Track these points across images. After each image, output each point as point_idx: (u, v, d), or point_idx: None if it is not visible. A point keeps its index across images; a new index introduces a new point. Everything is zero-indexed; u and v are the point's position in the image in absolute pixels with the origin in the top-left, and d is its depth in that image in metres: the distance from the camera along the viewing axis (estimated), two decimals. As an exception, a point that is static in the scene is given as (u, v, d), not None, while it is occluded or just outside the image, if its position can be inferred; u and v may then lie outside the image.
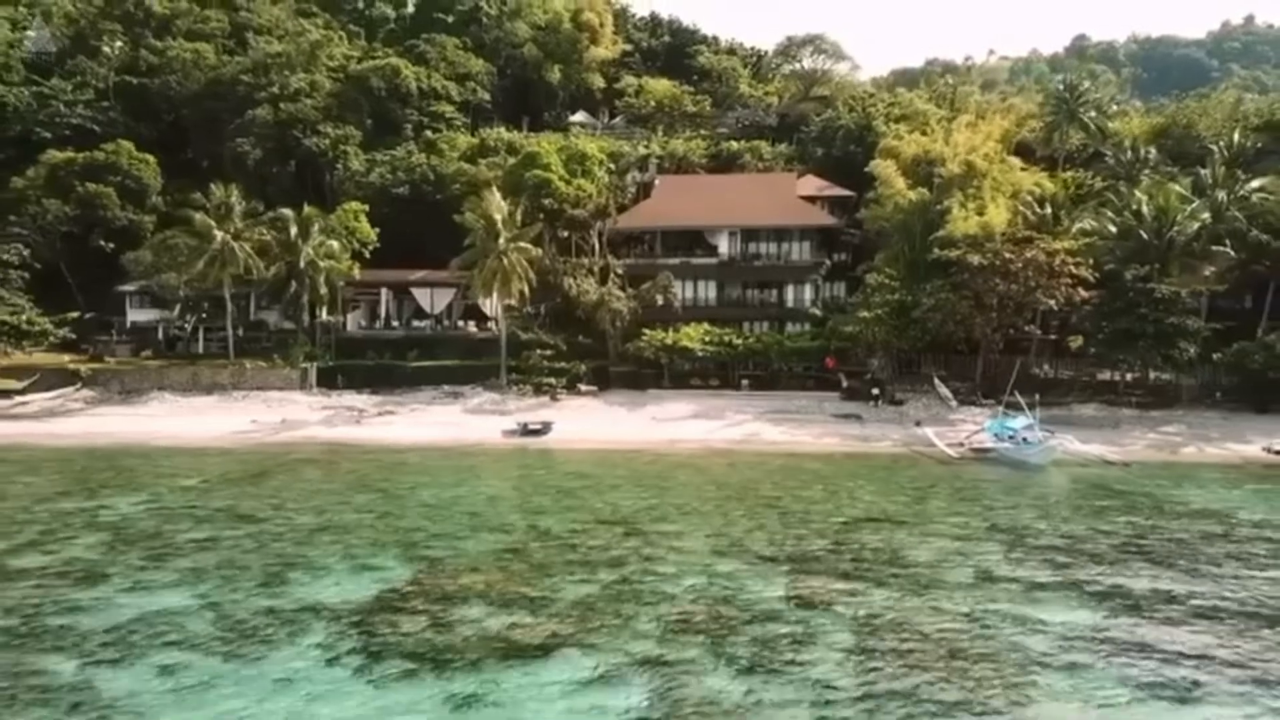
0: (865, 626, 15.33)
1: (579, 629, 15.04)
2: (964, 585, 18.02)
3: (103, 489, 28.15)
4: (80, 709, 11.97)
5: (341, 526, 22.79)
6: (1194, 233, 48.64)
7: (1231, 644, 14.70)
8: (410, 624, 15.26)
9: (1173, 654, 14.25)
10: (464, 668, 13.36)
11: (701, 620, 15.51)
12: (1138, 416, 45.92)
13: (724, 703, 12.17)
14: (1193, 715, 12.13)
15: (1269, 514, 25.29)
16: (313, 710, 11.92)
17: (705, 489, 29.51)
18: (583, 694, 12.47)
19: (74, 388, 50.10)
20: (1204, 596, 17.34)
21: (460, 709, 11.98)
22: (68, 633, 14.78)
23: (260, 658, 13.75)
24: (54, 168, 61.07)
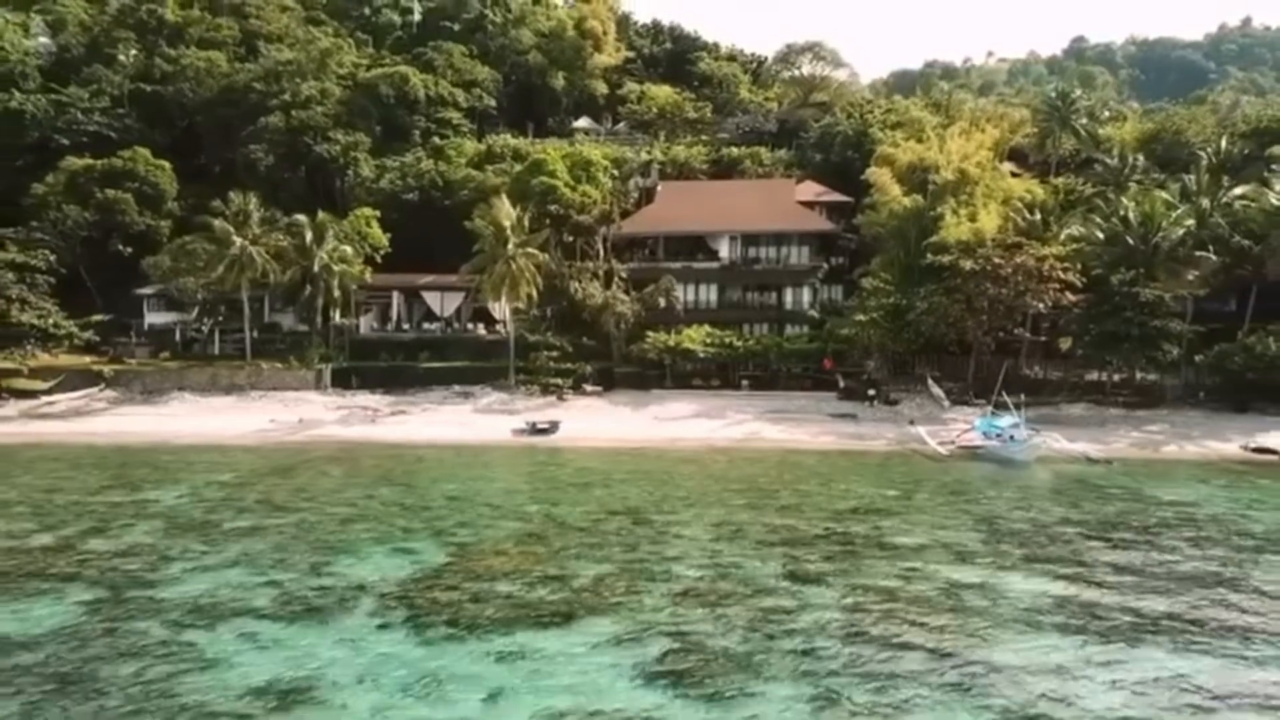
0: (849, 595, 17.47)
1: (597, 600, 17.18)
2: (939, 562, 20.16)
3: (143, 483, 30.27)
4: (177, 660, 14.07)
5: (373, 516, 24.93)
6: (1178, 238, 50.67)
7: (1165, 606, 16.83)
8: (448, 597, 17.39)
9: (1111, 611, 16.51)
10: (499, 632, 15.48)
11: (704, 592, 17.65)
12: (1123, 416, 47.93)
13: (725, 657, 14.28)
14: (1119, 653, 14.22)
15: (1229, 506, 27.38)
16: (374, 664, 14.03)
17: (707, 483, 31.62)
18: (602, 652, 14.57)
19: (98, 388, 52.22)
20: (1148, 572, 19.50)
21: (499, 663, 14.09)
22: (150, 603, 16.91)
23: (321, 623, 15.89)
24: (74, 174, 63.20)
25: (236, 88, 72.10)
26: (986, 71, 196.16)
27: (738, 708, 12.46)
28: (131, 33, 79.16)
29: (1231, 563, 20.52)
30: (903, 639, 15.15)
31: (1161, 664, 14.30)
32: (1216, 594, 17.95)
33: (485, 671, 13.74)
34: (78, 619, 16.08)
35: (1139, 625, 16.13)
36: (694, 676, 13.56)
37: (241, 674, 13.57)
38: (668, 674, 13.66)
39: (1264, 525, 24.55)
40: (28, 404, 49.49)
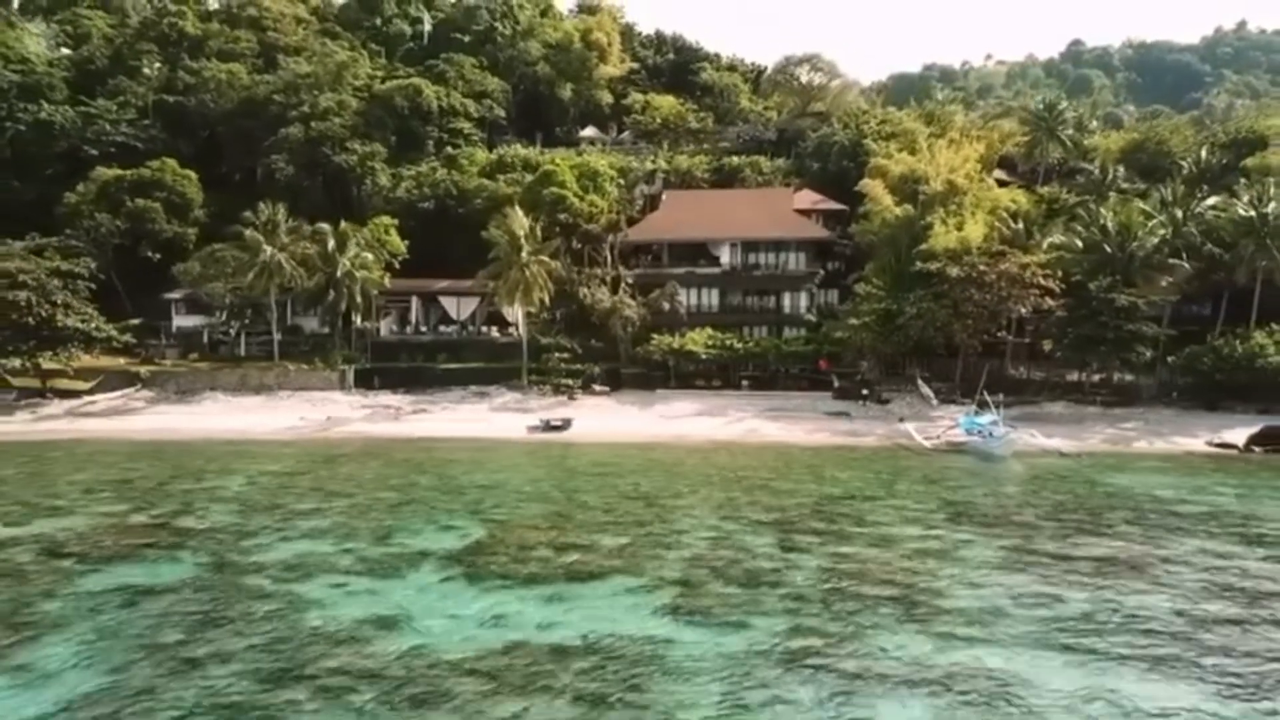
0: (829, 561, 21.25)
1: (618, 561, 20.99)
2: (909, 537, 23.93)
3: (204, 473, 34.07)
4: (288, 602, 17.85)
5: (417, 500, 28.72)
6: (1153, 246, 54.55)
7: (1085, 566, 20.61)
8: (495, 560, 21.18)
9: (1041, 564, 20.36)
10: (540, 583, 19.27)
11: (708, 558, 21.43)
12: (1101, 414, 51.67)
13: (726, 603, 18.05)
14: (1039, 591, 17.98)
15: (1173, 492, 31.11)
16: (444, 605, 17.82)
17: (710, 474, 35.37)
18: (625, 596, 18.37)
19: (135, 388, 56.06)
20: (1081, 541, 23.26)
21: (543, 604, 17.86)
22: (251, 564, 20.67)
23: (396, 577, 19.68)
24: (105, 184, 67.07)
25: (257, 99, 75.95)
26: (984, 74, 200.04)
27: (732, 632, 16.23)
28: (154, 45, 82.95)
29: (1152, 534, 24.32)
30: (866, 588, 18.98)
31: (1071, 598, 18.17)
32: (1136, 562, 21.71)
33: (532, 610, 17.52)
34: (197, 574, 19.89)
35: (1064, 573, 20.00)
36: (698, 612, 17.35)
37: (342, 611, 17.34)
38: (678, 610, 17.46)
39: (1195, 507, 28.32)
40: (71, 403, 53.34)
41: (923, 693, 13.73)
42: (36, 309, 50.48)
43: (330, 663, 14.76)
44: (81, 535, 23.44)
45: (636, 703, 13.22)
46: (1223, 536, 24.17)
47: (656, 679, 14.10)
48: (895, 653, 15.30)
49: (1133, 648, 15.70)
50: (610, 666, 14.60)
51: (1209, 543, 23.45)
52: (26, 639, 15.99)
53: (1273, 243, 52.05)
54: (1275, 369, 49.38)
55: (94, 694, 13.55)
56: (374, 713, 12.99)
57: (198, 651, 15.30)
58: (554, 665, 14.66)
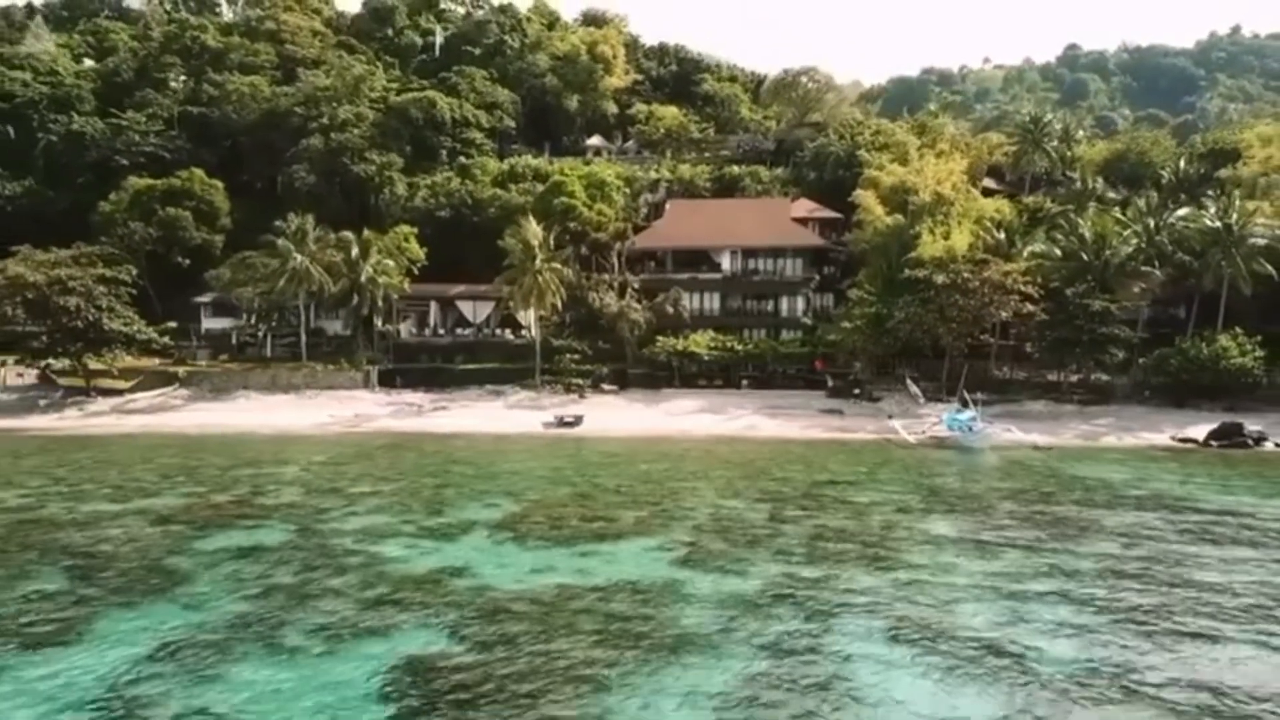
0: (812, 528, 25.64)
1: (637, 529, 25.38)
2: (883, 513, 28.30)
3: (259, 462, 38.45)
4: (369, 558, 22.22)
5: (455, 484, 33.09)
6: (1128, 255, 59.01)
7: (1031, 537, 24.96)
8: (534, 527, 25.56)
9: (994, 536, 24.68)
10: (574, 543, 23.65)
11: (711, 526, 25.82)
12: (1077, 411, 56.01)
13: (726, 557, 22.43)
14: (990, 558, 22.30)
15: (1125, 479, 35.42)
16: (499, 559, 22.15)
17: (712, 463, 39.76)
18: (645, 553, 22.70)
19: (172, 388, 60.44)
20: (1032, 519, 27.61)
21: (579, 558, 22.21)
22: (330, 531, 25.02)
23: (454, 541, 24.03)
24: (137, 193, 71.53)
25: (278, 111, 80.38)
26: (982, 78, 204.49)
27: (731, 576, 20.60)
28: (177, 58, 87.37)
29: (1089, 511, 28.74)
30: (841, 546, 23.40)
31: (1007, 555, 22.59)
32: (1071, 530, 26.09)
33: (569, 561, 21.90)
34: (289, 538, 24.25)
35: (1007, 538, 24.41)
36: (704, 564, 21.71)
37: (416, 563, 21.68)
38: (686, 561, 21.84)
39: (1137, 490, 32.72)
40: (114, 400, 57.78)
41: (879, 616, 18.10)
42: (84, 313, 54.79)
43: (417, 597, 19.14)
44: (180, 510, 27.86)
45: (656, 622, 17.57)
46: (1149, 512, 28.57)
47: (671, 607, 18.46)
48: (859, 591, 19.69)
49: (1047, 588, 20.08)
50: (635, 598, 18.98)
51: (1135, 515, 27.88)
52: (174, 581, 20.37)
53: (1237, 251, 56.47)
54: (1237, 370, 53.75)
55: (235, 618, 17.84)
56: (458, 626, 17.36)
57: (309, 589, 19.68)
58: (590, 597, 19.05)
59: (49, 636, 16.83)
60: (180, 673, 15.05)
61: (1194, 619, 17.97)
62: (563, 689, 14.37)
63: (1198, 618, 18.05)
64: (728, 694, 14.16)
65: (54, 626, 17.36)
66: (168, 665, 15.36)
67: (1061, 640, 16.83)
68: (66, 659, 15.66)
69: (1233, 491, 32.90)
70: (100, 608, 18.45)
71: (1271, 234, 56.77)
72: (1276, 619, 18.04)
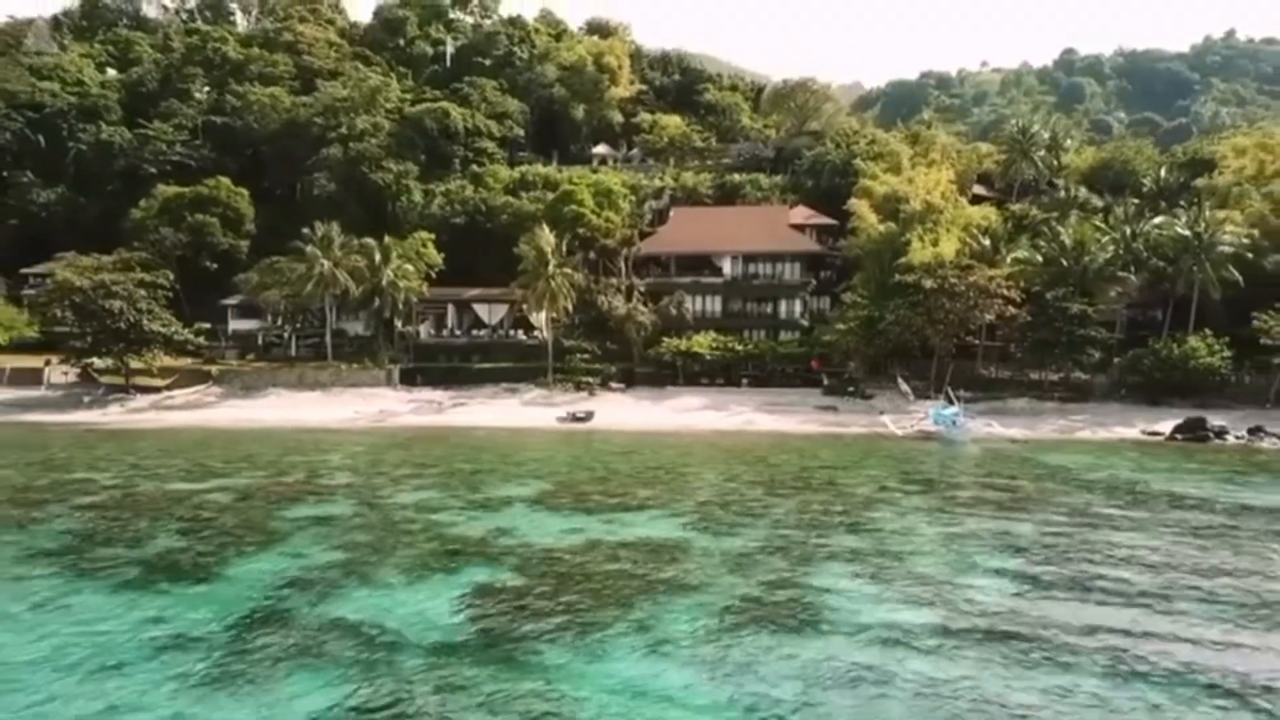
0: (802, 504, 30.25)
1: (651, 503, 30.01)
2: (865, 491, 32.91)
3: (304, 451, 43.02)
4: (430, 524, 26.77)
5: (487, 469, 37.69)
6: (1105, 261, 63.60)
7: (990, 509, 29.56)
8: (563, 502, 30.16)
9: (958, 509, 29.28)
10: (599, 514, 28.25)
11: (716, 502, 30.42)
12: (1057, 408, 60.52)
13: (727, 524, 27.03)
14: (952, 522, 26.86)
15: (1085, 466, 39.97)
16: (537, 524, 26.72)
17: (715, 453, 44.35)
18: (659, 520, 27.35)
19: (206, 385, 65.03)
20: (991, 498, 32.20)
21: (604, 523, 26.80)
22: (389, 504, 29.67)
23: (498, 511, 28.62)
24: (166, 200, 76.15)
25: (299, 121, 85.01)
26: (980, 82, 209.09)
27: (731, 538, 25.18)
28: (199, 69, 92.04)
29: (1045, 491, 33.38)
30: (825, 518, 28.02)
31: (965, 523, 27.17)
32: (1023, 503, 30.72)
33: (596, 525, 26.51)
34: (354, 511, 28.82)
35: (968, 511, 29.04)
36: (708, 527, 26.33)
37: (468, 528, 26.22)
38: (694, 526, 26.49)
39: (1094, 475, 37.32)
40: (153, 397, 62.37)
41: (848, 562, 22.70)
42: (126, 315, 59.34)
43: (474, 548, 23.77)
44: (254, 488, 32.49)
45: (669, 565, 22.15)
46: (1098, 492, 33.19)
47: (680, 559, 23.02)
48: (839, 549, 24.28)
49: (988, 542, 24.72)
50: (651, 550, 23.61)
51: (1082, 494, 32.52)
52: (274, 538, 25.00)
53: (1207, 258, 61.06)
54: (1206, 369, 58.34)
55: (332, 562, 22.38)
56: (511, 567, 21.95)
57: (386, 544, 24.29)
58: (614, 550, 23.67)
59: (192, 572, 21.51)
60: (303, 595, 19.69)
61: (1102, 568, 22.58)
62: (597, 604, 19.05)
63: (1105, 567, 22.66)
64: (727, 608, 18.78)
65: (192, 566, 22.05)
66: (291, 591, 20.02)
67: (990, 575, 21.51)
68: (209, 588, 20.28)
69: (1177, 476, 37.51)
70: (222, 555, 23.15)
71: (1238, 242, 61.26)
72: (1168, 568, 22.62)
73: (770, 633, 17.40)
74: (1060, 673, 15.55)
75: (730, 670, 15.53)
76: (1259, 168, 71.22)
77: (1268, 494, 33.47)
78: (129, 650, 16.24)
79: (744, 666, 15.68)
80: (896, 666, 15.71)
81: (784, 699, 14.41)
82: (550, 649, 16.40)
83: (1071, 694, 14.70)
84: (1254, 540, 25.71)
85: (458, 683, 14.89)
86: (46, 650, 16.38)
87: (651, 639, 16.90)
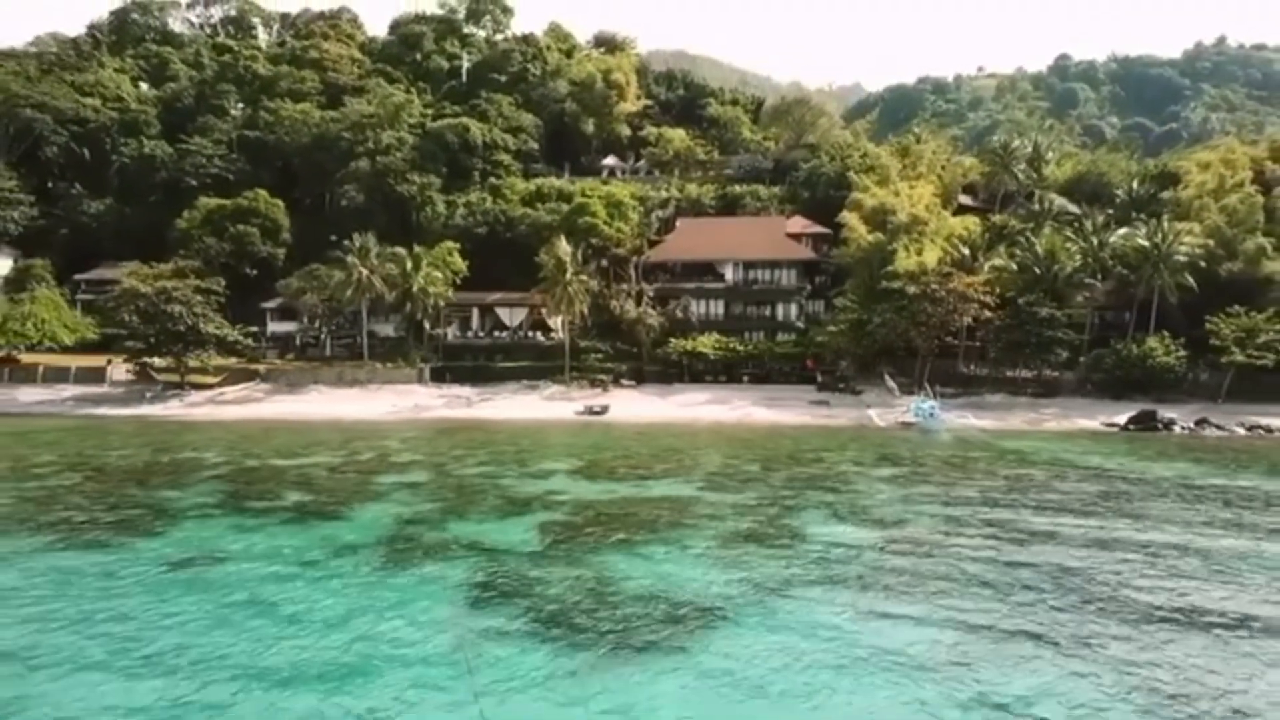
0: (790, 474, 37.89)
1: (667, 473, 37.72)
2: (844, 467, 40.53)
3: (363, 438, 50.55)
4: (496, 485, 34.34)
5: (528, 450, 45.28)
6: (1073, 269, 71.24)
7: (941, 483, 37.12)
8: (596, 473, 37.81)
9: (919, 481, 36.86)
10: (626, 480, 35.91)
11: (720, 473, 38.08)
12: (1029, 402, 68.08)
13: (730, 487, 34.65)
14: (912, 489, 34.39)
15: (1036, 449, 47.58)
16: (579, 488, 34.35)
17: (718, 440, 51.87)
18: (675, 484, 35.03)
19: (254, 382, 72.60)
20: (948, 472, 39.79)
21: (631, 487, 34.45)
22: (459, 475, 37.25)
23: (545, 479, 36.26)
24: (209, 212, 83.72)
25: (328, 136, 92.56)
26: (976, 87, 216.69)
27: (734, 494, 32.85)
28: (232, 85, 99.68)
29: (993, 468, 40.94)
30: (810, 483, 35.66)
31: (922, 488, 34.74)
32: (973, 475, 38.29)
33: (624, 488, 34.17)
34: (430, 478, 36.43)
35: (924, 480, 36.65)
36: (714, 489, 33.99)
37: (527, 489, 33.84)
38: (704, 488, 34.20)
39: (1041, 456, 44.94)
40: (207, 394, 69.89)
41: (823, 510, 30.29)
42: (185, 318, 66.88)
43: (535, 501, 31.44)
44: (339, 464, 40.12)
45: (685, 512, 29.72)
46: (1039, 468, 40.80)
47: (693, 507, 30.60)
48: (816, 501, 31.88)
49: (935, 499, 32.31)
50: (669, 503, 31.25)
51: (1026, 469, 40.14)
52: (374, 497, 32.59)
53: (1165, 267, 68.68)
54: (1162, 367, 65.95)
55: (429, 510, 29.92)
56: (565, 511, 29.53)
57: (466, 498, 31.88)
58: (642, 502, 31.33)
59: (331, 514, 29.22)
60: (419, 527, 27.33)
61: (1009, 515, 30.19)
62: (633, 530, 26.78)
63: (1035, 515, 30.25)
64: (728, 532, 26.49)
65: (329, 511, 29.76)
66: (409, 525, 27.70)
67: (924, 518, 29.17)
68: (349, 523, 27.88)
69: (1114, 457, 45.06)
70: (348, 503, 30.92)
71: (1193, 252, 68.87)
72: (1062, 513, 30.22)
73: (758, 545, 25.13)
74: (954, 568, 23.15)
75: (729, 564, 23.30)
76: (1219, 182, 78.73)
77: (1176, 470, 41.08)
78: (316, 554, 23.94)
79: (738, 561, 23.47)
80: (847, 565, 23.37)
81: (767, 575, 22.15)
82: (603, 554, 24.08)
83: (960, 580, 22.27)
84: (1139, 501, 33.30)
85: (542, 573, 22.49)
86: (261, 552, 24.12)
87: (675, 549, 24.62)
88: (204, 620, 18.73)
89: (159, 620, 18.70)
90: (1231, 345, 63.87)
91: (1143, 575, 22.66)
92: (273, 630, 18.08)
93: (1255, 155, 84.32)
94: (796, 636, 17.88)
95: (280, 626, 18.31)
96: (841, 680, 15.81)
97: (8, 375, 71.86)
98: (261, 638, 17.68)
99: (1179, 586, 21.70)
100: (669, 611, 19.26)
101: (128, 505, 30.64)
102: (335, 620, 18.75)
